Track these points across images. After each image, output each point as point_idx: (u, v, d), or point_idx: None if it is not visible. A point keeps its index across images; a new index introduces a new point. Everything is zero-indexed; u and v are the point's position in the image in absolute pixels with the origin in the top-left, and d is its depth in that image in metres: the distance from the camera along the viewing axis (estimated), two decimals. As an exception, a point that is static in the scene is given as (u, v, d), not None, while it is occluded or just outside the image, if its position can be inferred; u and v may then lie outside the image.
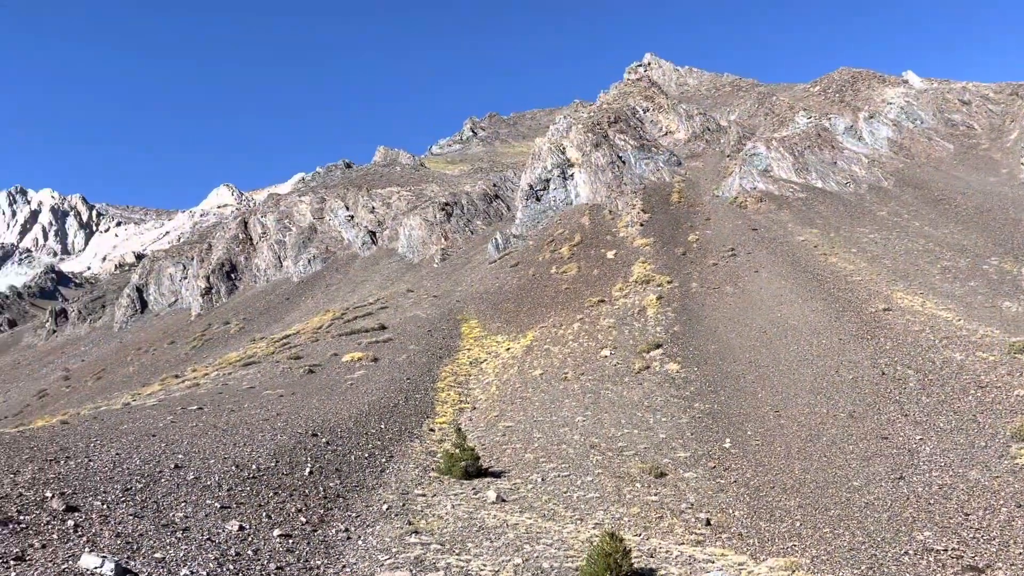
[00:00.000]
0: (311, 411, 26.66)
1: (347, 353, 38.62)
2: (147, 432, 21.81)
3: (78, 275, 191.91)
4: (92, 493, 15.09)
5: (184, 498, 15.84)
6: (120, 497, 15.16)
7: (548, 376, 32.59)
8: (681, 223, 52.96)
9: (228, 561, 13.11)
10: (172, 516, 14.72)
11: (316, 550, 14.66)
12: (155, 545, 13.19)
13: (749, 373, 28.84)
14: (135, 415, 26.17)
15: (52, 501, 14.13)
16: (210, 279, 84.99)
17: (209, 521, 14.81)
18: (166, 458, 18.49)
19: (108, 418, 25.90)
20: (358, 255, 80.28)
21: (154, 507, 15.01)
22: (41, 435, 21.02)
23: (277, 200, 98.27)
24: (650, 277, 43.40)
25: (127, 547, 12.86)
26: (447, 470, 21.32)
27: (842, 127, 67.39)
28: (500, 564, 14.56)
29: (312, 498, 17.62)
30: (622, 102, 77.63)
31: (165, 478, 16.85)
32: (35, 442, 19.24)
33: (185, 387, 36.44)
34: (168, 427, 22.94)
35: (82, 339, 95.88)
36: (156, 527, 14.00)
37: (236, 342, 62.13)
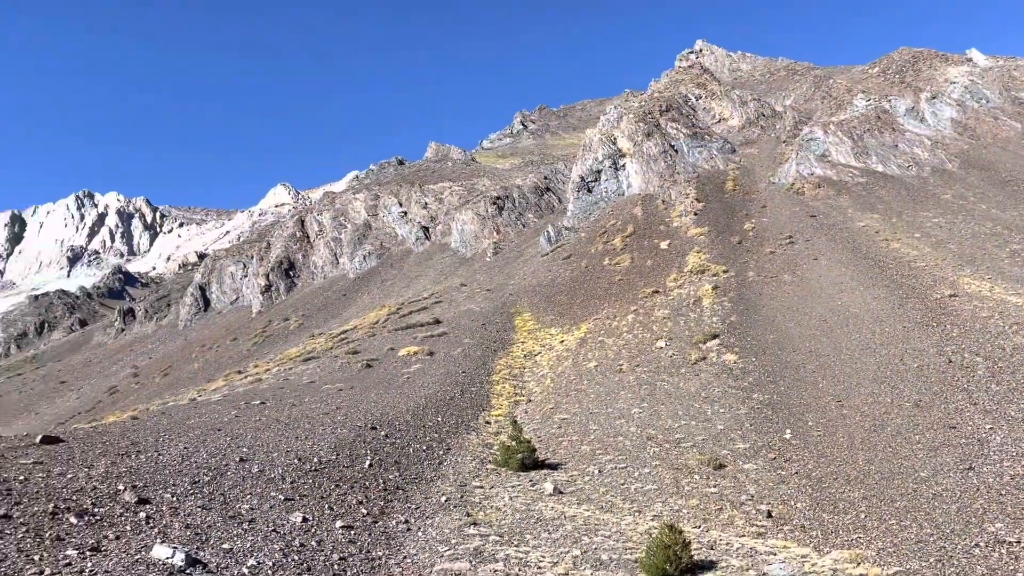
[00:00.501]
0: (369, 405, 27.09)
1: (403, 347, 39.10)
2: (213, 426, 22.45)
3: (144, 275, 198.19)
4: (162, 486, 15.62)
5: (249, 490, 16.27)
6: (189, 490, 15.65)
7: (603, 368, 32.49)
8: (736, 211, 52.14)
9: (293, 552, 13.44)
10: (238, 508, 15.14)
11: (377, 541, 14.93)
12: (223, 536, 13.59)
13: (809, 363, 28.30)
14: (201, 410, 26.97)
15: (125, 494, 14.67)
16: (269, 277, 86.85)
17: (274, 513, 15.20)
18: (231, 452, 19.01)
19: (176, 413, 26.76)
20: (412, 250, 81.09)
21: (221, 499, 15.46)
22: (113, 430, 21.83)
23: (332, 198, 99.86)
24: (705, 267, 42.86)
25: (196, 538, 13.28)
26: (504, 462, 21.44)
27: (903, 109, 65.40)
28: (559, 556, 14.61)
29: (372, 490, 17.92)
30: (673, 90, 76.68)
31: (231, 471, 17.34)
32: (107, 437, 19.99)
33: (248, 382, 37.38)
34: (233, 421, 23.58)
35: (149, 337, 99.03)
36: (223, 519, 14.43)
37: (296, 338, 63.43)
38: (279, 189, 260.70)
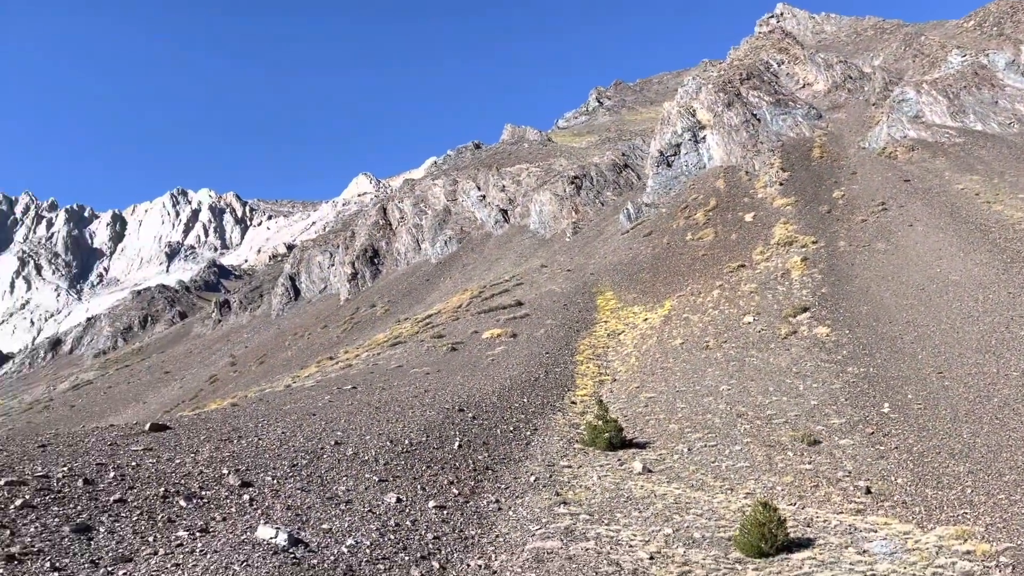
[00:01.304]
0: (456, 387, 27.50)
1: (487, 330, 39.47)
2: (308, 411, 23.22)
3: (237, 267, 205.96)
4: (263, 469, 16.27)
5: (345, 472, 16.78)
6: (288, 472, 16.25)
7: (689, 345, 32.02)
8: (824, 179, 50.35)
9: (389, 531, 13.80)
10: (335, 489, 15.64)
11: (470, 520, 15.18)
12: (322, 517, 14.07)
13: (907, 334, 27.18)
14: (296, 396, 27.93)
15: (229, 477, 15.34)
16: (355, 265, 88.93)
17: (369, 494, 15.63)
18: (326, 435, 19.63)
19: (273, 399, 27.79)
20: (491, 234, 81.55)
21: (319, 481, 16.00)
22: (215, 417, 22.85)
23: (412, 185, 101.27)
24: (793, 238, 41.62)
25: (297, 519, 13.79)
26: (591, 442, 21.45)
27: (1002, 63, 61.61)
28: (650, 534, 14.54)
29: (463, 471, 18.22)
30: (754, 57, 74.37)
31: (327, 454, 17.91)
32: (210, 423, 20.93)
33: (339, 368, 38.48)
34: (326, 406, 24.33)
35: (244, 327, 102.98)
36: (322, 500, 14.93)
37: (382, 324, 64.85)
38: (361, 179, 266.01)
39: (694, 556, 13.41)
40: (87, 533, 11.83)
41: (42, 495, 12.82)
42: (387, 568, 12.32)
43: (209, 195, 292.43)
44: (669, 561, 13.18)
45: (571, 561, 12.95)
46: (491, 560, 13.34)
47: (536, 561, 13.04)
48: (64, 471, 14.17)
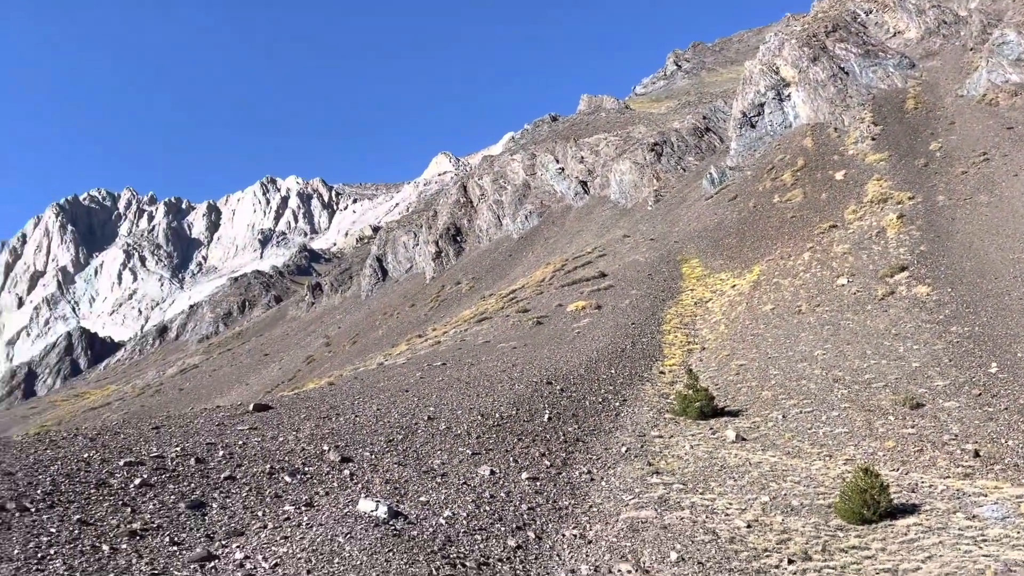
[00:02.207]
0: (543, 361, 27.66)
1: (571, 303, 39.46)
2: (401, 388, 23.83)
3: (326, 251, 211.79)
4: (361, 445, 16.82)
5: (439, 446, 17.19)
6: (385, 448, 16.76)
7: (780, 310, 31.24)
8: (920, 131, 47.93)
9: (484, 503, 14.09)
10: (431, 463, 16.05)
11: (563, 491, 15.34)
12: (419, 490, 14.47)
13: (1014, 289, 25.76)
14: (389, 373, 28.67)
15: (329, 453, 15.93)
16: (439, 243, 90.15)
17: (463, 467, 15.98)
18: (420, 411, 20.12)
19: (367, 378, 28.61)
20: (572, 206, 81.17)
21: (414, 456, 16.45)
22: (313, 396, 23.71)
23: (491, 161, 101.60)
24: (887, 195, 39.87)
25: (395, 492, 14.23)
26: (682, 411, 21.27)
27: (1118, -8, 56.91)
28: (746, 502, 14.38)
29: (553, 443, 18.38)
30: (840, 7, 71.06)
31: (421, 429, 18.37)
32: (309, 402, 21.74)
33: (428, 345, 39.24)
34: (418, 383, 24.90)
35: (336, 308, 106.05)
36: (418, 474, 15.35)
37: (468, 300, 65.66)
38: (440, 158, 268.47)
39: (793, 524, 13.20)
40: (201, 509, 12.52)
41: (158, 474, 13.62)
42: (484, 539, 12.60)
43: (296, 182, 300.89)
44: (767, 529, 13.01)
45: (666, 530, 12.94)
46: (586, 530, 13.46)
47: (631, 531, 13.09)
48: (177, 451, 15.00)
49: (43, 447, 14.48)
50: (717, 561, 11.74)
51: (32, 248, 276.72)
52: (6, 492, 11.70)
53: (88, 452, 14.28)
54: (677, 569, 11.47)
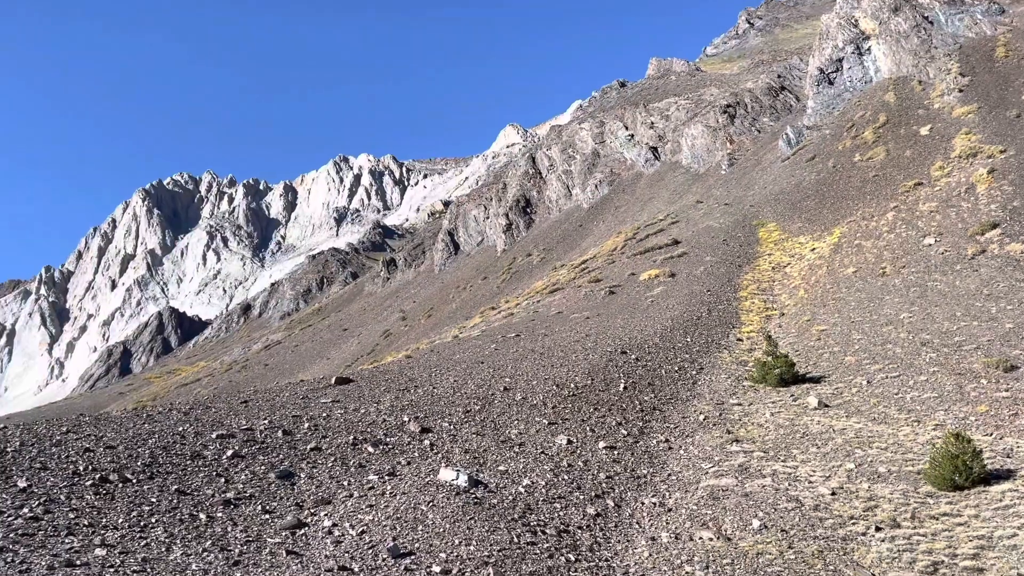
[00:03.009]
0: (617, 330, 27.52)
1: (644, 271, 39.05)
2: (476, 360, 24.10)
3: (399, 227, 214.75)
4: (440, 416, 17.13)
5: (515, 417, 17.36)
6: (463, 418, 17.02)
7: (863, 273, 30.23)
8: (1011, 81, 45.29)
9: (562, 472, 14.19)
10: (508, 433, 16.23)
11: (640, 460, 15.31)
12: (498, 459, 14.67)
13: (1121, 245, 24.27)
14: (464, 346, 29.01)
15: (409, 424, 16.28)
16: (509, 216, 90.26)
17: (540, 436, 16.11)
18: (495, 382, 20.33)
19: (443, 350, 29.02)
20: (642, 173, 79.98)
21: (492, 426, 16.66)
22: (392, 368, 24.21)
23: (559, 131, 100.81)
24: (977, 149, 37.92)
25: (475, 461, 14.46)
26: (761, 378, 20.89)
27: None
28: (830, 469, 14.08)
29: (630, 412, 18.33)
30: (922, -48, 67.36)
31: (497, 400, 18.58)
32: (388, 375, 22.22)
33: (501, 317, 39.50)
34: (493, 354, 25.13)
35: (410, 283, 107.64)
36: (496, 443, 15.55)
37: (539, 271, 65.69)
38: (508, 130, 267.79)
39: (880, 491, 12.87)
40: (290, 479, 13.00)
41: (248, 446, 14.18)
42: (563, 506, 12.71)
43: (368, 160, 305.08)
44: (853, 496, 12.73)
45: (747, 498, 12.80)
46: (665, 498, 13.43)
47: (711, 499, 12.99)
48: (265, 424, 15.58)
49: (141, 421, 15.23)
50: (801, 528, 11.56)
51: (122, 232, 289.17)
52: (109, 464, 12.37)
53: (182, 426, 14.96)
54: (760, 537, 11.34)
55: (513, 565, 10.47)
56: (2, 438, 13.04)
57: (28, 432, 13.63)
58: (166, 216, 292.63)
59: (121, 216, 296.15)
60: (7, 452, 12.28)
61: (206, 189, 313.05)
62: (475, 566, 10.31)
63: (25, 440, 13.00)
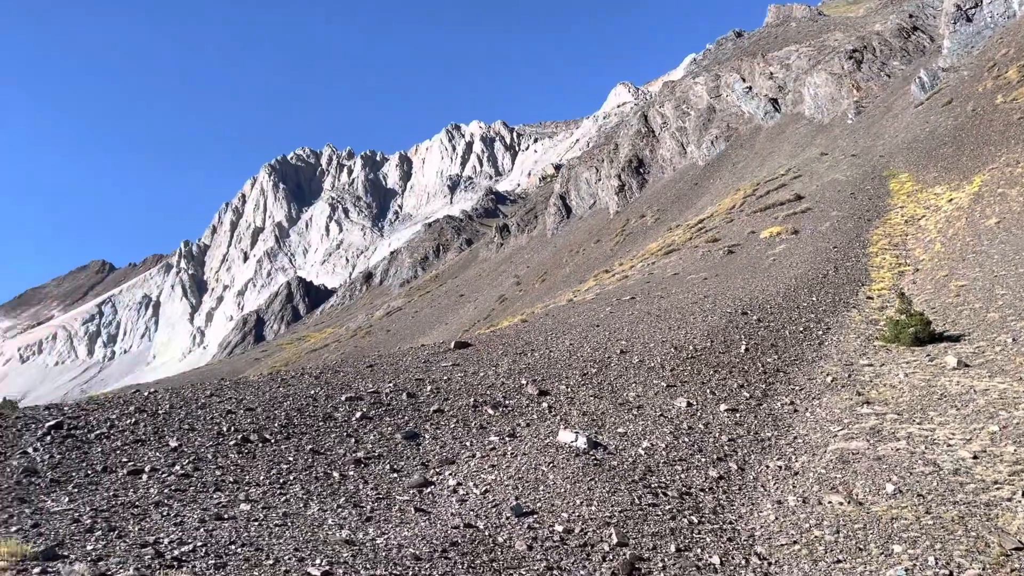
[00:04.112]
0: (736, 291, 26.79)
1: (764, 229, 37.73)
2: (591, 323, 24.07)
3: (511, 192, 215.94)
4: (556, 379, 17.26)
5: (633, 379, 17.27)
6: (580, 381, 17.09)
7: (1007, 224, 28.08)
8: None
9: (682, 434, 14.05)
10: (626, 396, 16.19)
11: (764, 423, 14.94)
12: (616, 422, 14.67)
13: None
14: (579, 309, 29.02)
15: (527, 387, 16.50)
16: (621, 177, 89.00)
17: (659, 399, 15.97)
18: (611, 345, 20.26)
19: (558, 314, 29.15)
20: (761, 127, 76.87)
21: (609, 389, 16.65)
22: (508, 332, 24.54)
23: (672, 87, 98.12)
24: None
25: (593, 424, 14.52)
26: (893, 337, 19.86)
27: None
28: (971, 432, 13.29)
29: (752, 374, 17.88)
30: None
31: (614, 363, 18.53)
32: (505, 339, 22.54)
33: (616, 280, 39.20)
34: (608, 317, 25.03)
35: (524, 248, 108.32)
36: (614, 406, 15.55)
37: (654, 233, 64.64)
38: (619, 89, 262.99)
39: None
40: (415, 439, 13.47)
41: (375, 408, 14.76)
42: (685, 469, 12.60)
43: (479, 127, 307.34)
44: (997, 460, 11.98)
45: (880, 462, 12.28)
46: (791, 461, 13.07)
47: (841, 462, 12.55)
48: (390, 387, 16.16)
49: (276, 385, 16.12)
50: (940, 493, 11.00)
51: (251, 207, 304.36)
52: (249, 425, 13.18)
53: (314, 389, 15.73)
54: (894, 501, 10.88)
55: (635, 526, 10.50)
56: (154, 401, 14.12)
57: (176, 396, 14.69)
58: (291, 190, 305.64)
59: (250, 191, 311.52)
60: (159, 414, 13.29)
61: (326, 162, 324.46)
62: (597, 526, 10.41)
63: (174, 403, 14.03)
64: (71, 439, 11.69)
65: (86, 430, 12.14)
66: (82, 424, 12.38)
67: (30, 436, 11.59)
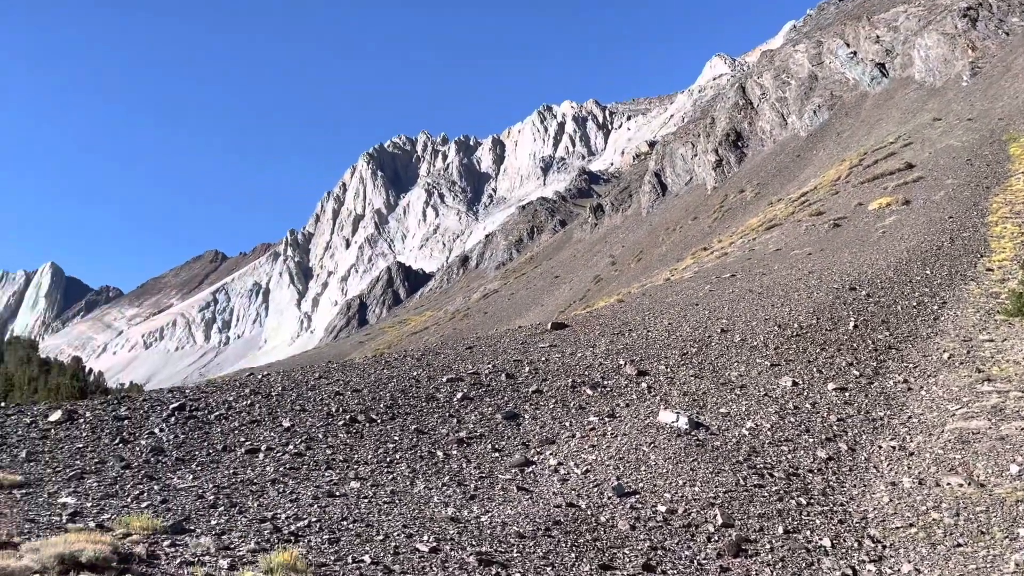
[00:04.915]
0: (843, 265, 25.77)
1: (873, 200, 36.09)
2: (690, 302, 23.68)
3: (604, 172, 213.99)
4: (655, 359, 17.09)
5: (735, 358, 16.91)
6: (679, 361, 16.87)
7: None
8: None
9: (788, 414, 13.69)
10: (728, 375, 15.88)
11: (875, 402, 14.38)
12: (718, 402, 14.43)
13: None
14: (676, 288, 28.59)
15: (626, 367, 16.40)
16: (718, 151, 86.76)
17: (762, 378, 15.59)
18: (711, 323, 19.89)
19: (655, 293, 28.81)
20: (867, 93, 73.34)
21: (710, 368, 16.37)
22: (605, 313, 24.43)
23: (771, 56, 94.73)
24: None
25: (694, 404, 14.33)
26: (1016, 311, 18.68)
27: None
28: (1107, 412, 12.41)
29: (861, 351, 17.20)
30: None
31: (714, 342, 18.18)
32: (602, 319, 22.46)
33: (714, 258, 38.38)
34: (707, 296, 24.56)
35: (618, 228, 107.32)
36: (715, 386, 15.28)
37: (753, 208, 62.83)
38: (714, 61, 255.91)
39: None
40: (515, 420, 13.64)
41: (475, 389, 15.02)
42: (791, 449, 12.28)
43: (571, 106, 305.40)
44: None
45: (1003, 442, 11.63)
46: (905, 441, 12.55)
47: (960, 442, 11.96)
48: (489, 368, 16.40)
49: (380, 367, 16.61)
50: (1071, 477, 10.35)
51: (351, 195, 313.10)
52: (356, 406, 13.65)
53: (416, 371, 16.13)
54: (1019, 483, 10.30)
55: (740, 507, 10.33)
56: (267, 384, 14.80)
57: (287, 378, 15.35)
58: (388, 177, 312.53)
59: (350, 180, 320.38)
60: (272, 396, 13.93)
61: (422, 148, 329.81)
62: (701, 507, 10.30)
63: (286, 385, 14.67)
64: (193, 420, 12.41)
65: (206, 411, 12.85)
66: (202, 406, 13.12)
67: (156, 417, 12.37)
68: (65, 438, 11.18)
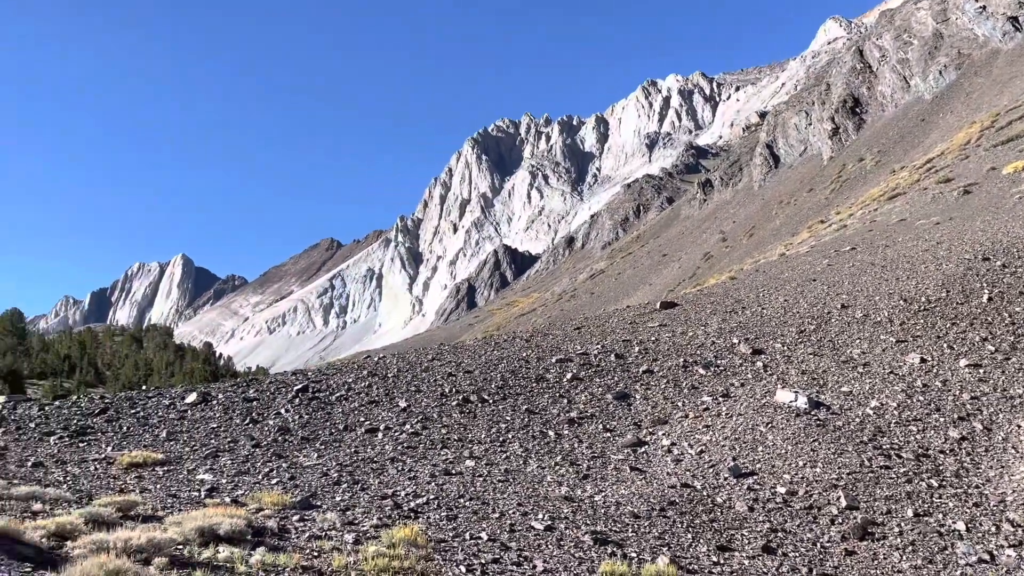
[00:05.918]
0: (975, 234, 24.16)
1: (1007, 164, 33.60)
2: (807, 277, 22.80)
3: (712, 146, 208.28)
4: (771, 337, 16.57)
5: (857, 335, 16.18)
6: (796, 339, 16.29)
7: None
8: None
9: (916, 392, 13.00)
10: (849, 353, 15.22)
11: (1013, 378, 13.45)
12: (839, 380, 13.86)
13: None
14: (792, 263, 27.58)
15: (740, 346, 15.99)
16: (835, 119, 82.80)
17: (887, 355, 14.86)
18: (831, 299, 19.09)
19: (769, 269, 27.90)
20: (999, 50, 68.13)
21: (830, 345, 15.73)
22: (716, 291, 23.86)
23: (890, 16, 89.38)
24: None
25: (813, 383, 13.82)
26: None
27: None
28: None
29: (997, 325, 16.11)
30: None
31: (834, 318, 17.45)
32: (712, 297, 21.95)
33: (832, 231, 36.78)
34: (826, 270, 23.58)
35: (728, 203, 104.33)
36: (836, 364, 14.68)
37: (874, 177, 59.72)
38: (829, 24, 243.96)
39: None
40: (626, 400, 13.55)
41: (585, 369, 15.01)
42: (920, 430, 11.68)
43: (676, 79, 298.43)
44: None
45: None
46: (1048, 422, 11.69)
47: (1112, 423, 11.05)
48: (598, 348, 16.34)
49: (490, 349, 16.85)
50: None
51: (457, 180, 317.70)
52: (468, 387, 13.91)
53: (525, 352, 16.27)
54: None
55: (865, 489, 9.92)
56: (384, 366, 15.28)
57: (402, 360, 15.80)
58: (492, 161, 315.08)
59: (455, 165, 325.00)
60: (388, 377, 14.38)
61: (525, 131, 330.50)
62: (823, 488, 9.96)
63: (400, 367, 15.10)
64: (316, 401, 12.97)
65: (328, 392, 13.41)
66: (324, 387, 13.68)
67: (282, 399, 13.01)
68: (200, 419, 11.93)
